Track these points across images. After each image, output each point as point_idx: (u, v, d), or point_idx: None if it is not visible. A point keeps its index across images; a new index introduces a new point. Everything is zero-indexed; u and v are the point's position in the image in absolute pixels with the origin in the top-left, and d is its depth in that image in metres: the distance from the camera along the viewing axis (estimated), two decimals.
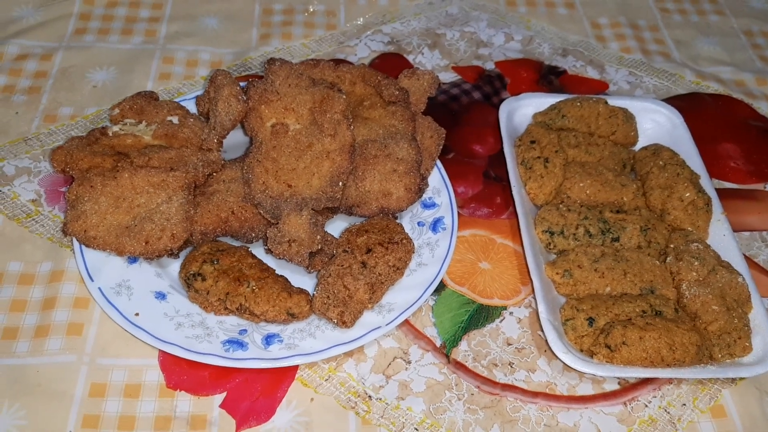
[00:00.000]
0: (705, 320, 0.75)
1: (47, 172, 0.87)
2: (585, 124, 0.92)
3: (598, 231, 0.81)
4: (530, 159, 0.87)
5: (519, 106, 0.96)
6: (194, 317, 0.73)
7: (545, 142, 0.87)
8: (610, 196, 0.85)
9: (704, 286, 0.76)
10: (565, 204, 0.85)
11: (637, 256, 0.79)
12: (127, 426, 0.68)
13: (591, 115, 0.92)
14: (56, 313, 0.75)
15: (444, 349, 0.76)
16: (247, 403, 0.70)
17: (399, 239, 0.77)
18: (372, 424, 0.70)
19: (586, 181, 0.85)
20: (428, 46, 1.09)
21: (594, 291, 0.78)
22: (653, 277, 0.78)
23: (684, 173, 0.86)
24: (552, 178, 0.85)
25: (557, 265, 0.79)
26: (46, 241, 0.81)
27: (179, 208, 0.76)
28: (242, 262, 0.74)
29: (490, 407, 0.72)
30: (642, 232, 0.81)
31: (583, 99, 0.93)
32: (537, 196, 0.86)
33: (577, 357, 0.72)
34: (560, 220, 0.82)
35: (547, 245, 0.82)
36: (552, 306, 0.76)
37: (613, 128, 0.92)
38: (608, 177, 0.86)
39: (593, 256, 0.79)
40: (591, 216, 0.82)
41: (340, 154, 0.79)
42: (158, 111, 0.86)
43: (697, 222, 0.84)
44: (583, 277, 0.77)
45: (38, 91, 0.97)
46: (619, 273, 0.78)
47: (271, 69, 0.84)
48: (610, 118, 0.92)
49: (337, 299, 0.71)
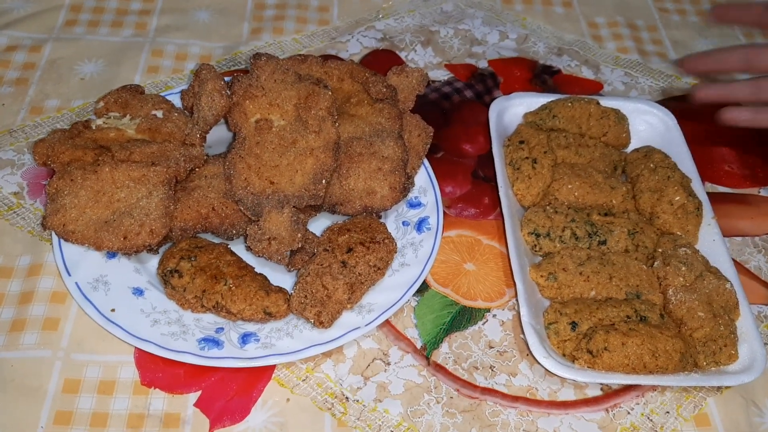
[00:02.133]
0: (690, 327, 0.73)
1: (31, 165, 0.87)
2: (576, 125, 0.90)
3: (585, 234, 0.80)
4: (518, 159, 0.85)
5: (510, 105, 0.94)
6: (171, 314, 0.72)
7: (534, 143, 0.86)
8: (599, 199, 0.84)
9: (691, 292, 0.75)
10: (552, 206, 0.83)
11: (623, 260, 0.78)
12: (100, 423, 0.67)
13: (582, 116, 0.90)
14: (33, 307, 0.74)
15: (424, 351, 0.75)
16: (221, 402, 0.69)
17: (381, 239, 0.75)
18: (348, 426, 0.69)
19: (574, 182, 0.84)
20: (421, 43, 1.07)
21: (579, 295, 0.76)
22: (639, 282, 0.77)
23: (675, 176, 0.84)
24: (540, 179, 0.84)
25: (542, 267, 0.77)
26: (27, 234, 0.80)
27: (159, 203, 0.75)
28: (220, 260, 0.73)
29: (468, 411, 0.71)
30: (630, 235, 0.80)
31: (574, 99, 0.91)
32: (524, 197, 0.84)
33: (558, 362, 0.70)
34: (547, 222, 0.80)
35: (533, 247, 0.81)
36: (535, 309, 0.74)
37: (604, 129, 0.90)
38: (597, 179, 0.85)
39: (579, 259, 0.77)
40: (578, 218, 0.81)
41: (324, 152, 0.78)
42: (143, 105, 0.85)
43: (686, 226, 0.82)
44: (568, 281, 0.76)
45: (25, 82, 0.96)
46: (604, 277, 0.76)
47: (257, 64, 0.83)
48: (601, 119, 0.90)
49: (314, 299, 0.70)
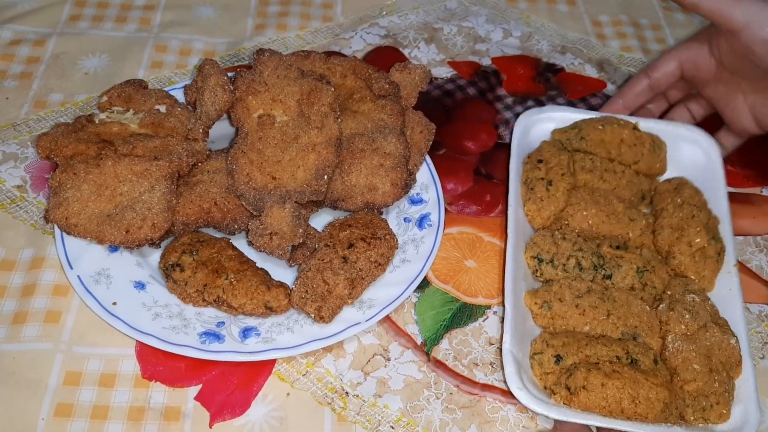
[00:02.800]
0: (683, 378, 0.69)
1: (34, 159, 0.87)
2: (605, 150, 0.85)
3: (591, 265, 0.76)
4: (533, 179, 0.82)
5: (539, 119, 0.89)
6: (172, 308, 0.72)
7: (553, 163, 0.82)
8: (615, 230, 0.79)
9: (690, 342, 0.71)
10: (561, 231, 0.79)
11: (626, 298, 0.74)
12: (101, 415, 0.67)
13: (613, 141, 0.85)
14: (35, 300, 0.74)
15: (425, 347, 0.75)
16: (222, 396, 0.70)
17: (382, 235, 0.76)
18: (347, 420, 0.69)
19: (590, 210, 0.79)
20: (425, 40, 1.07)
21: (572, 327, 0.73)
22: (639, 323, 0.73)
23: (700, 216, 0.79)
24: (552, 202, 0.80)
25: (538, 294, 0.74)
26: (29, 227, 0.81)
27: (161, 197, 0.75)
28: (222, 254, 0.73)
29: (468, 407, 0.71)
30: (638, 273, 0.76)
31: (607, 122, 0.86)
32: (534, 219, 0.81)
33: (532, 395, 0.67)
34: (552, 247, 0.77)
35: (534, 271, 0.78)
36: (521, 337, 0.71)
37: (636, 157, 0.85)
38: (617, 208, 0.80)
39: (578, 290, 0.74)
40: (586, 248, 0.76)
41: (326, 147, 0.78)
42: (146, 99, 0.85)
43: (702, 271, 0.77)
44: (562, 312, 0.73)
45: (29, 77, 0.97)
46: (601, 313, 0.72)
47: (260, 60, 0.83)
48: (634, 146, 0.85)
49: (315, 294, 0.71)
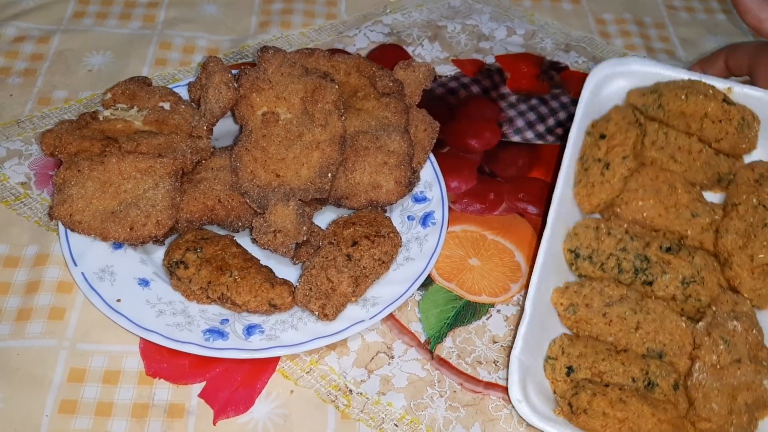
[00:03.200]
0: (698, 414, 0.64)
1: (38, 155, 0.87)
2: (684, 123, 0.76)
3: (632, 268, 0.70)
4: (590, 158, 0.74)
5: (616, 74, 0.78)
6: (176, 305, 0.72)
7: (617, 141, 0.73)
8: (672, 225, 0.72)
9: (715, 377, 0.64)
10: (608, 225, 0.72)
11: (661, 311, 0.68)
12: (105, 412, 0.67)
13: (695, 115, 0.76)
14: (39, 296, 0.74)
15: (428, 345, 0.75)
16: (226, 393, 0.70)
17: (386, 233, 0.76)
18: (351, 418, 0.69)
19: (648, 200, 0.72)
20: (428, 38, 1.07)
21: (596, 335, 0.69)
22: (669, 341, 0.67)
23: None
24: (605, 189, 0.73)
25: (566, 294, 0.70)
26: (34, 224, 0.81)
27: (165, 194, 0.75)
28: (226, 251, 0.73)
29: (472, 405, 0.71)
30: (683, 283, 0.69)
31: (693, 90, 0.75)
32: (582, 204, 0.75)
33: (533, 409, 0.64)
34: (593, 243, 0.71)
35: (570, 265, 0.73)
36: (537, 338, 0.67)
37: (719, 135, 0.76)
38: (681, 199, 0.73)
39: (609, 298, 0.68)
40: (630, 249, 0.70)
41: (330, 145, 0.78)
42: (150, 96, 0.85)
43: (760, 290, 0.70)
44: (588, 318, 0.69)
45: (33, 73, 0.97)
46: (630, 325, 0.67)
47: (264, 57, 0.83)
48: (719, 123, 0.75)
49: (319, 291, 0.71)
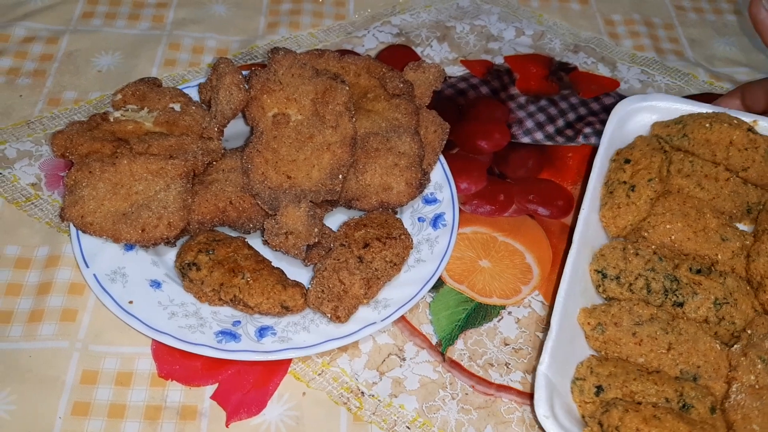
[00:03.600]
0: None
1: (48, 156, 0.87)
2: (710, 152, 0.77)
3: (661, 289, 0.69)
4: (615, 181, 0.75)
5: (639, 108, 0.81)
6: (188, 307, 0.72)
7: (642, 165, 0.74)
8: (701, 249, 0.71)
9: (755, 398, 0.63)
10: (635, 245, 0.71)
11: (694, 332, 0.66)
12: (117, 414, 0.68)
13: (721, 143, 0.76)
14: (51, 298, 0.74)
15: (440, 347, 0.75)
16: (238, 395, 0.70)
17: (397, 234, 0.76)
18: (363, 420, 0.69)
19: (676, 223, 0.72)
20: (437, 38, 1.07)
21: (625, 356, 0.67)
22: (703, 362, 0.65)
23: None
24: (631, 211, 0.73)
25: (593, 314, 0.68)
26: (44, 225, 0.81)
27: (177, 196, 0.75)
28: (238, 253, 0.73)
29: (484, 408, 0.71)
30: (715, 305, 0.68)
31: (716, 119, 0.77)
32: (609, 227, 0.75)
33: (559, 425, 0.62)
34: (621, 263, 0.70)
35: (597, 287, 0.72)
36: (564, 358, 0.65)
37: (746, 163, 0.76)
38: (710, 224, 0.72)
39: (639, 317, 0.67)
40: (659, 269, 0.69)
41: (341, 147, 0.78)
42: (160, 98, 0.85)
43: None
44: (617, 338, 0.67)
45: (43, 74, 0.97)
46: (661, 345, 0.65)
47: (275, 58, 0.83)
48: (745, 151, 0.76)
49: (331, 293, 0.71)
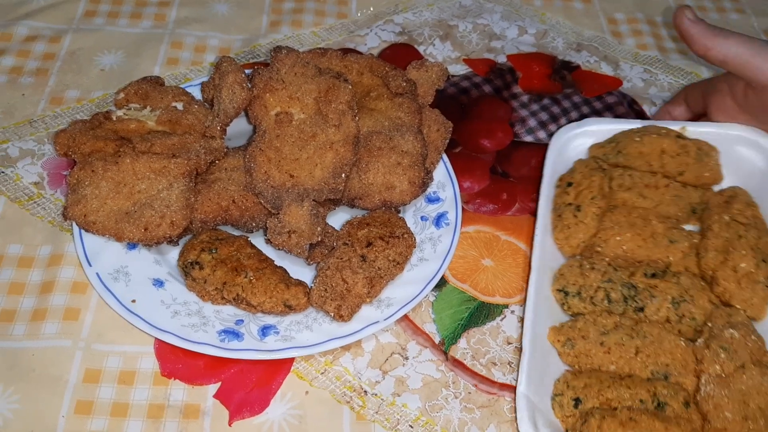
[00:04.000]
0: (714, 427, 0.63)
1: (51, 155, 0.87)
2: (645, 162, 0.80)
3: (621, 297, 0.71)
4: (561, 205, 0.78)
5: (575, 135, 0.84)
6: (191, 306, 0.72)
7: (584, 186, 0.77)
8: (653, 254, 0.74)
9: (723, 386, 0.65)
10: (590, 261, 0.74)
11: (658, 333, 0.68)
12: (120, 413, 0.68)
13: (653, 153, 0.80)
14: (54, 297, 0.74)
15: (443, 346, 0.75)
16: (241, 393, 0.70)
17: (400, 233, 0.75)
18: (366, 419, 0.69)
19: (625, 234, 0.75)
20: (440, 37, 1.07)
21: (597, 366, 0.69)
22: (671, 361, 0.67)
23: (748, 236, 0.72)
24: (581, 229, 0.76)
25: (562, 331, 0.70)
26: (47, 224, 0.81)
27: (180, 195, 0.75)
28: (241, 252, 0.73)
29: (487, 407, 0.71)
30: (673, 304, 0.70)
31: (646, 132, 0.80)
32: (563, 248, 0.77)
33: None
34: (579, 279, 0.72)
35: (561, 305, 0.74)
36: (540, 377, 0.67)
37: (680, 168, 0.79)
38: (656, 229, 0.75)
39: (604, 327, 0.69)
40: (616, 279, 0.72)
41: (344, 145, 0.78)
42: (163, 96, 0.85)
43: (751, 299, 0.70)
44: (586, 350, 0.69)
45: (45, 73, 0.97)
46: (629, 350, 0.68)
47: (277, 57, 0.83)
48: (678, 156, 0.79)
49: (334, 292, 0.70)
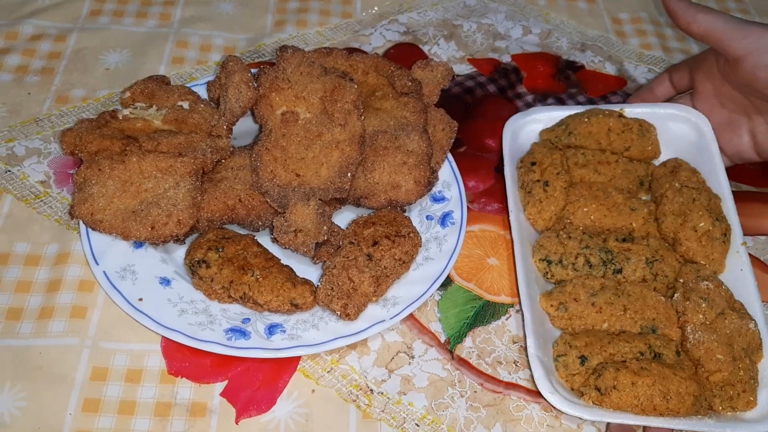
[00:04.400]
0: (708, 369, 0.69)
1: (57, 154, 0.87)
2: (595, 141, 0.86)
3: (600, 261, 0.76)
4: (529, 182, 0.82)
5: (525, 122, 0.89)
6: (198, 304, 0.72)
7: (547, 164, 0.82)
8: (618, 222, 0.80)
9: (710, 332, 0.71)
10: (566, 231, 0.79)
11: (640, 291, 0.74)
12: (128, 411, 0.68)
13: (601, 132, 0.85)
14: (61, 295, 0.74)
15: (448, 345, 0.75)
16: (248, 392, 0.70)
17: (406, 233, 0.76)
18: (373, 418, 0.69)
19: (590, 205, 0.80)
20: (444, 37, 1.07)
21: (590, 326, 0.73)
22: (656, 315, 0.73)
23: (701, 199, 0.79)
24: (552, 202, 0.80)
25: (552, 296, 0.74)
26: (54, 222, 0.81)
27: (186, 194, 0.75)
28: (247, 251, 0.73)
29: (492, 405, 0.71)
30: (648, 264, 0.76)
31: (592, 113, 0.86)
32: (536, 222, 0.81)
33: (564, 397, 0.67)
34: (559, 248, 0.77)
35: (544, 274, 0.78)
36: (543, 340, 0.71)
37: (626, 144, 0.85)
38: (617, 200, 0.81)
39: (592, 289, 0.74)
40: (592, 245, 0.77)
41: (350, 145, 0.78)
42: (169, 95, 0.85)
43: (711, 254, 0.77)
44: (579, 312, 0.73)
45: (51, 72, 0.97)
46: (618, 308, 0.73)
47: (283, 56, 0.83)
48: (623, 133, 0.85)
49: (341, 291, 0.71)
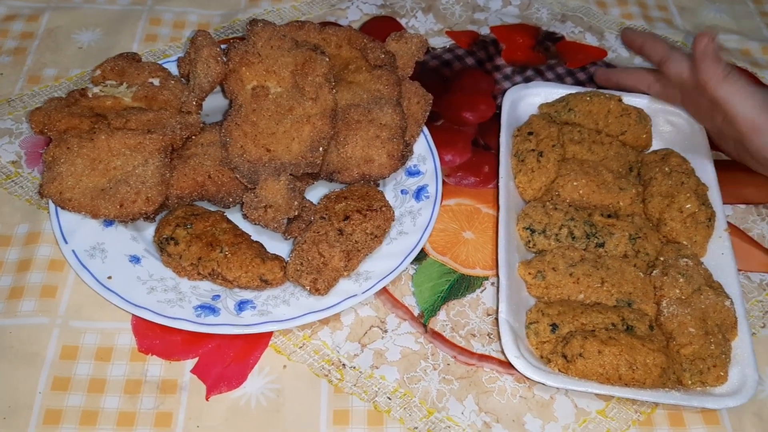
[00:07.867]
0: (679, 342, 0.70)
1: (28, 134, 0.86)
2: (593, 121, 0.87)
3: (583, 234, 0.77)
4: (524, 151, 0.82)
5: (526, 94, 0.91)
6: (168, 282, 0.72)
7: (543, 135, 0.83)
8: (605, 199, 0.80)
9: (685, 306, 0.72)
10: (552, 202, 0.80)
11: (619, 265, 0.75)
12: (97, 389, 0.68)
13: (601, 112, 0.87)
14: (31, 275, 0.74)
15: (422, 319, 0.75)
16: (218, 368, 0.70)
17: (378, 207, 0.75)
18: (344, 392, 0.69)
19: (580, 180, 0.80)
20: (422, 9, 1.06)
21: (566, 296, 0.74)
22: (633, 289, 0.73)
23: (689, 183, 0.80)
24: (543, 173, 0.80)
25: (531, 265, 0.75)
26: (25, 203, 0.80)
27: (155, 171, 0.74)
28: (216, 227, 0.73)
29: (465, 377, 0.71)
30: (630, 240, 0.77)
31: (594, 94, 0.88)
32: (525, 191, 0.81)
33: (529, 363, 0.68)
34: (544, 218, 0.77)
35: (527, 243, 0.78)
36: (516, 307, 0.72)
37: (623, 128, 0.86)
38: (607, 178, 0.81)
39: (571, 259, 0.74)
40: (578, 217, 0.77)
41: (321, 119, 0.77)
42: (140, 73, 0.84)
43: (694, 236, 0.78)
44: (557, 281, 0.73)
45: (23, 52, 0.96)
46: (596, 280, 0.73)
47: (253, 30, 0.82)
48: (621, 117, 0.86)
49: (311, 266, 0.70)
